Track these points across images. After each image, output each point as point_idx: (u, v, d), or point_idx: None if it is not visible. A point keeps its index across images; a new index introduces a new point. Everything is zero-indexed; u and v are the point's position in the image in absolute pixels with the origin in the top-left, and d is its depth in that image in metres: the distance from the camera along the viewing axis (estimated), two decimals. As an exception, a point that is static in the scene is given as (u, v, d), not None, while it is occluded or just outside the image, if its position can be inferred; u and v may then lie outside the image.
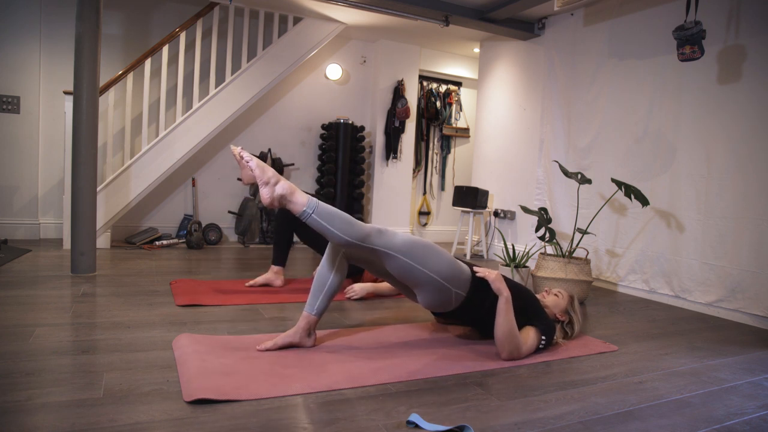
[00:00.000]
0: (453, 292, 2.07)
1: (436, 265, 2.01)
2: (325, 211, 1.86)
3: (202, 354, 1.92)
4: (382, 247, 1.92)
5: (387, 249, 1.93)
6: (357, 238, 1.88)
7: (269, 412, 1.53)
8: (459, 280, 2.08)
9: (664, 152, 3.62)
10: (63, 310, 2.48)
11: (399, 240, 1.96)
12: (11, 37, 4.46)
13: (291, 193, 1.85)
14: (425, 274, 1.99)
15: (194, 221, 4.76)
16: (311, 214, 1.84)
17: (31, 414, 1.43)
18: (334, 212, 1.88)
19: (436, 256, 2.03)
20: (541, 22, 4.73)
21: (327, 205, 1.88)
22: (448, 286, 2.05)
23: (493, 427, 1.53)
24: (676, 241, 3.52)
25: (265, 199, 1.85)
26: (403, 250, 1.95)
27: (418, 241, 2.02)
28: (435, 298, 2.08)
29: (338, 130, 5.39)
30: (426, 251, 2.00)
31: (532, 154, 4.80)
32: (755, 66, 3.13)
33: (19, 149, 4.57)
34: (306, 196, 1.87)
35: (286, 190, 1.85)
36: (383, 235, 1.94)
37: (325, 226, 1.85)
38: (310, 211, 1.84)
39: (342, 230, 1.86)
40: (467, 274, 2.13)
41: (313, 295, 2.13)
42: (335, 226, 1.85)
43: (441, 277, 2.02)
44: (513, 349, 2.08)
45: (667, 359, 2.30)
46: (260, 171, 1.86)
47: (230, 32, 4.72)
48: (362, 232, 1.89)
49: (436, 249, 2.05)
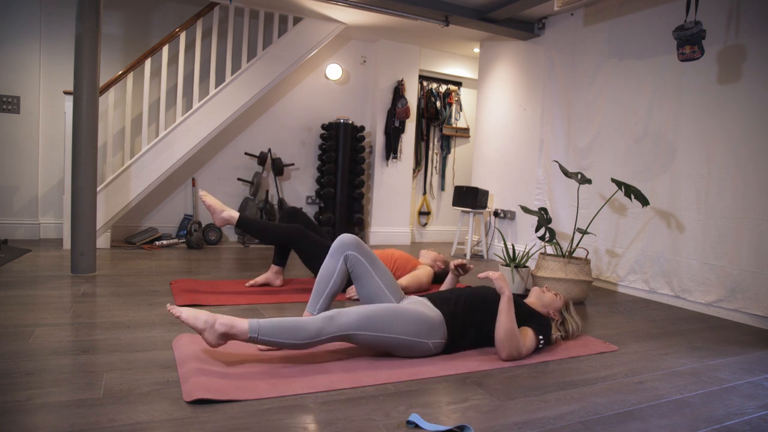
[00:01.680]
0: (429, 344, 2.04)
1: (400, 327, 1.96)
2: (269, 329, 1.79)
3: (202, 354, 1.92)
4: (338, 332, 1.86)
5: (344, 332, 1.87)
6: (311, 337, 1.82)
7: (269, 412, 1.53)
8: (429, 330, 2.04)
9: (664, 152, 3.62)
10: (63, 310, 2.48)
11: (353, 317, 1.89)
12: (11, 37, 4.46)
13: (231, 326, 1.77)
14: (393, 339, 1.96)
15: (194, 221, 4.76)
16: (257, 336, 1.78)
17: (31, 414, 1.43)
18: (278, 325, 1.81)
19: (398, 318, 1.97)
20: (541, 22, 4.73)
21: (269, 321, 1.81)
22: (421, 341, 2.02)
23: (493, 427, 1.53)
24: (676, 241, 3.52)
25: (212, 343, 1.78)
26: (360, 326, 1.89)
27: (374, 310, 1.95)
28: (413, 354, 2.05)
29: (338, 130, 5.39)
30: (385, 318, 1.94)
31: (532, 154, 4.80)
32: (755, 66, 3.13)
33: (19, 149, 4.57)
34: (246, 323, 1.79)
35: (225, 326, 1.77)
36: (335, 319, 1.86)
37: (276, 341, 1.80)
38: (255, 335, 1.78)
39: (293, 338, 1.80)
40: (438, 321, 2.07)
41: (314, 296, 2.14)
42: (285, 337, 1.80)
43: (409, 336, 1.98)
44: (513, 349, 2.08)
45: (667, 359, 2.30)
46: (193, 321, 1.77)
47: (230, 32, 4.72)
48: (313, 330, 1.82)
49: (395, 311, 1.99)
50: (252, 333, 1.77)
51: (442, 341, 2.08)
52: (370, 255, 2.27)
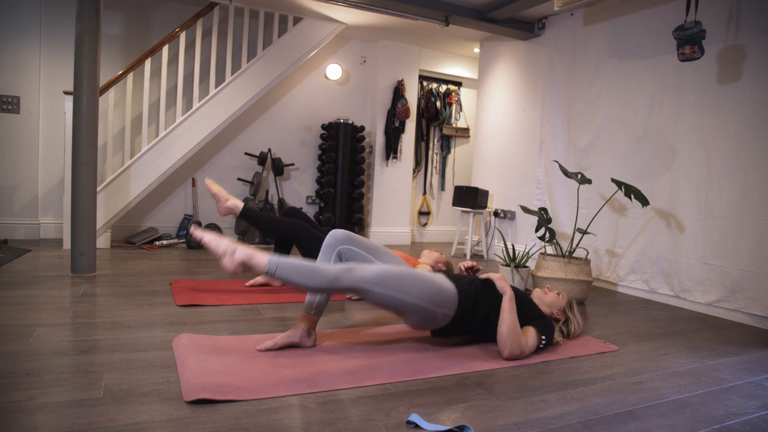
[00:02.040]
0: (438, 313, 2.06)
1: (414, 290, 1.98)
2: (289, 266, 1.79)
3: (202, 354, 1.92)
4: (355, 283, 1.88)
5: (360, 284, 1.88)
6: (328, 282, 1.83)
7: (269, 412, 1.53)
8: (443, 300, 2.05)
9: (664, 152, 3.62)
10: (63, 310, 2.48)
11: (371, 273, 1.91)
12: (11, 37, 4.46)
13: (250, 257, 1.77)
14: (405, 302, 1.97)
15: (194, 221, 4.76)
16: (275, 272, 1.78)
17: (31, 414, 1.43)
18: (298, 265, 1.82)
19: (414, 281, 1.99)
20: (541, 22, 4.73)
21: (289, 259, 1.81)
22: (431, 308, 2.03)
23: (493, 427, 1.53)
24: (676, 241, 3.52)
25: (229, 269, 1.77)
26: (376, 281, 1.90)
27: (392, 269, 1.97)
28: (420, 321, 2.07)
29: (338, 130, 5.39)
30: (402, 279, 1.96)
31: (532, 154, 4.80)
32: (755, 66, 3.13)
33: (19, 149, 4.57)
34: (266, 257, 1.79)
35: (244, 255, 1.77)
36: (353, 271, 1.88)
37: (293, 280, 1.79)
38: (273, 269, 1.77)
39: (310, 280, 1.81)
40: (452, 293, 2.09)
41: (311, 295, 2.13)
42: (302, 277, 1.80)
43: (422, 300, 2.00)
44: (515, 348, 2.08)
45: (667, 359, 2.30)
46: (215, 245, 1.77)
47: (230, 32, 4.72)
48: (330, 276, 1.83)
49: (414, 274, 2.01)
50: (270, 267, 1.78)
51: (451, 314, 2.09)
52: (364, 243, 2.26)
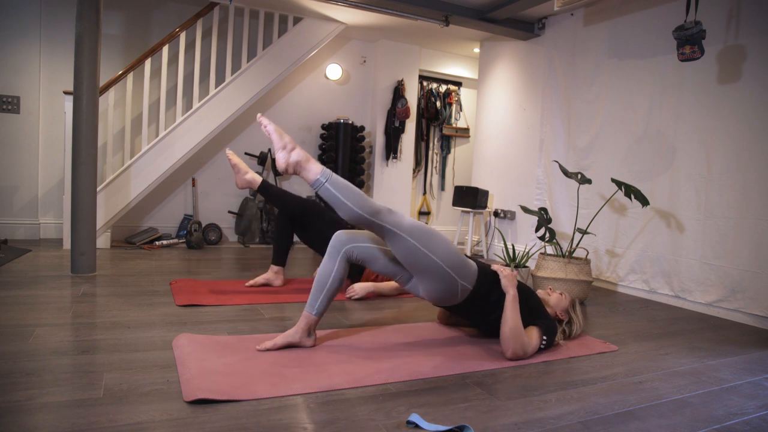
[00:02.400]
0: (459, 284, 2.08)
1: (442, 252, 2.01)
2: (339, 182, 1.87)
3: (201, 354, 1.92)
4: (391, 225, 1.93)
5: (395, 228, 1.94)
6: (368, 212, 1.89)
7: (269, 412, 1.53)
8: (465, 271, 2.09)
9: (664, 152, 3.62)
10: (63, 310, 2.48)
11: (408, 221, 1.99)
12: (11, 37, 4.46)
13: (306, 160, 1.86)
14: (431, 259, 2.00)
15: (194, 221, 4.76)
16: (324, 183, 1.84)
17: (31, 414, 1.43)
18: (347, 184, 1.89)
19: (443, 244, 2.04)
20: (541, 22, 4.73)
21: (340, 178, 1.90)
22: (453, 276, 2.05)
23: (493, 427, 1.53)
24: (676, 241, 3.52)
25: (281, 164, 1.85)
26: (410, 231, 1.97)
27: (426, 226, 2.04)
28: (440, 288, 2.08)
29: (338, 130, 5.39)
30: (433, 237, 2.02)
31: (532, 154, 4.80)
32: (755, 66, 3.13)
33: (19, 149, 4.57)
34: (321, 166, 1.87)
35: (301, 156, 1.86)
36: (393, 214, 1.95)
37: (338, 196, 1.85)
38: (324, 180, 1.84)
39: (354, 202, 1.87)
40: (474, 268, 2.14)
41: (313, 295, 2.13)
42: (347, 197, 1.86)
43: (446, 264, 2.02)
44: (518, 348, 2.08)
45: (667, 359, 2.30)
46: (278, 135, 1.86)
47: (230, 32, 4.72)
48: (374, 208, 1.90)
49: (444, 238, 2.07)
50: (323, 177, 1.84)
51: (469, 287, 2.11)
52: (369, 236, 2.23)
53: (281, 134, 1.87)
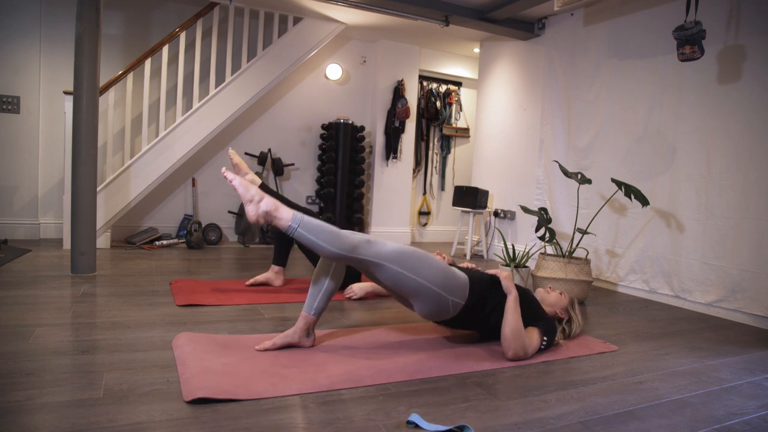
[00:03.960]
0: (449, 301, 2.06)
1: (428, 273, 1.99)
2: (311, 225, 1.83)
3: (201, 354, 1.92)
4: (371, 257, 1.89)
5: (376, 259, 1.90)
6: (345, 249, 1.84)
7: (269, 412, 1.53)
8: (455, 287, 2.06)
9: (664, 152, 3.62)
10: (63, 310, 2.48)
11: (389, 249, 1.93)
12: (11, 37, 4.46)
13: (276, 209, 1.81)
14: (418, 283, 1.97)
15: (194, 221, 4.76)
16: (297, 228, 1.80)
17: (31, 414, 1.43)
18: (320, 225, 1.84)
19: (429, 264, 2.00)
20: (541, 22, 4.73)
21: (312, 219, 1.85)
22: (443, 295, 2.03)
23: (493, 427, 1.53)
24: (676, 241, 3.52)
25: (251, 216, 1.80)
26: (393, 258, 1.92)
27: (409, 249, 1.99)
28: (431, 308, 2.07)
29: (338, 130, 5.39)
30: (417, 260, 1.98)
31: (532, 154, 4.80)
32: (755, 66, 3.13)
33: (19, 149, 4.57)
34: (291, 211, 1.82)
35: (270, 206, 1.80)
36: (372, 245, 1.90)
37: (312, 239, 1.81)
38: (296, 226, 1.80)
39: (329, 242, 1.82)
40: (464, 282, 2.11)
41: (311, 295, 2.13)
42: (322, 239, 1.82)
43: (435, 285, 2.00)
44: (519, 348, 2.08)
45: (667, 359, 2.30)
46: (244, 189, 1.81)
47: (230, 32, 4.72)
48: (350, 243, 1.85)
49: (429, 257, 2.03)
50: (294, 223, 1.80)
51: (461, 303, 2.09)
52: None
53: (247, 187, 1.81)
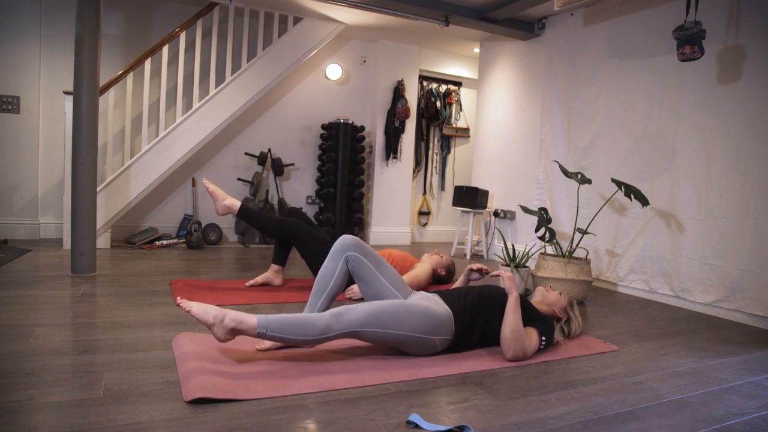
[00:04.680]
0: (437, 340, 2.06)
1: (408, 324, 1.97)
2: (277, 325, 1.81)
3: (201, 353, 1.92)
4: (346, 329, 1.88)
5: (354, 328, 1.89)
6: (319, 334, 1.83)
7: (269, 412, 1.53)
8: (439, 326, 2.05)
9: (664, 152, 3.62)
10: (63, 310, 2.48)
11: (361, 314, 1.91)
12: (11, 37, 4.46)
13: (240, 322, 1.78)
14: (400, 335, 1.97)
15: (194, 221, 4.76)
16: (266, 333, 1.79)
17: (31, 414, 1.43)
18: (285, 321, 1.82)
19: (406, 314, 1.98)
20: (541, 22, 4.73)
21: (276, 317, 1.82)
22: (428, 337, 2.03)
23: (493, 427, 1.53)
24: (676, 241, 3.52)
25: (220, 338, 1.78)
26: (367, 322, 1.91)
27: (382, 306, 1.97)
28: (420, 350, 2.07)
29: (338, 130, 5.39)
30: (394, 314, 1.96)
31: (532, 154, 4.80)
32: (755, 66, 3.13)
33: (19, 149, 4.57)
34: (254, 319, 1.80)
35: (234, 321, 1.77)
36: (343, 317, 1.88)
37: (285, 338, 1.82)
38: (264, 331, 1.79)
39: (302, 335, 1.82)
40: (447, 317, 2.08)
41: (314, 296, 2.14)
42: (293, 334, 1.81)
43: (417, 332, 2.00)
44: (518, 349, 2.08)
45: (667, 359, 2.30)
46: (203, 314, 1.77)
47: (230, 32, 4.72)
48: (321, 327, 1.84)
49: (405, 306, 2.00)
50: (260, 329, 1.79)
51: (449, 338, 2.09)
52: (372, 255, 2.26)
53: (205, 310, 1.77)
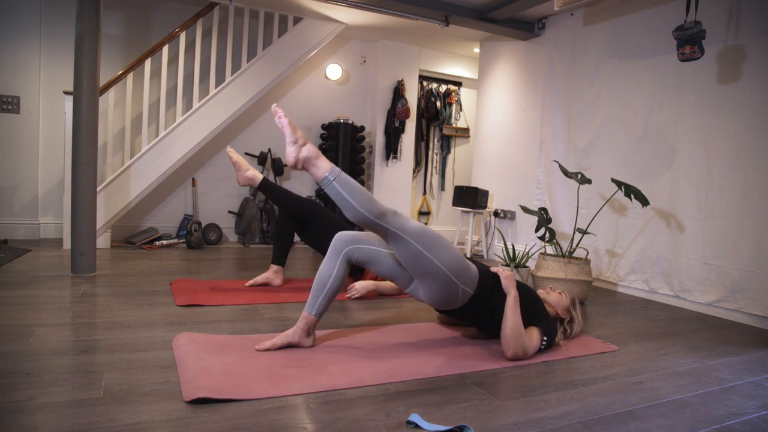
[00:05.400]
0: (459, 288, 2.07)
1: (444, 256, 2.02)
2: (347, 181, 1.88)
3: (201, 353, 1.92)
4: (395, 228, 1.94)
5: (400, 231, 1.94)
6: (373, 213, 1.89)
7: (269, 412, 1.53)
8: (466, 276, 2.09)
9: (664, 152, 3.62)
10: (63, 310, 2.48)
11: (412, 225, 1.99)
12: (11, 37, 4.46)
13: (316, 156, 1.86)
14: (433, 264, 2.00)
15: (194, 221, 4.76)
16: (332, 181, 1.84)
17: (31, 414, 1.43)
18: (354, 184, 1.89)
19: (446, 248, 2.04)
20: (541, 22, 4.73)
21: (350, 177, 1.90)
22: (454, 281, 2.05)
23: (493, 427, 1.53)
24: (676, 241, 3.52)
25: (290, 158, 1.85)
26: (415, 234, 1.97)
27: (430, 230, 2.04)
28: (441, 293, 2.08)
29: (338, 130, 5.39)
30: (436, 241, 2.02)
31: (532, 154, 4.80)
32: (755, 66, 3.13)
33: (19, 149, 4.57)
34: (330, 164, 1.87)
35: (311, 152, 1.86)
36: (399, 217, 1.96)
37: (344, 196, 1.86)
38: (332, 178, 1.84)
39: (360, 203, 1.87)
40: (475, 272, 2.14)
41: (313, 295, 2.13)
42: (354, 197, 1.86)
43: (448, 269, 2.02)
44: (518, 348, 2.08)
45: (667, 359, 2.30)
46: (291, 129, 1.86)
47: (230, 32, 4.72)
48: (379, 210, 1.91)
49: (447, 242, 2.07)
50: (331, 175, 1.84)
51: (471, 292, 2.11)
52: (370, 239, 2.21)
53: (295, 128, 1.87)
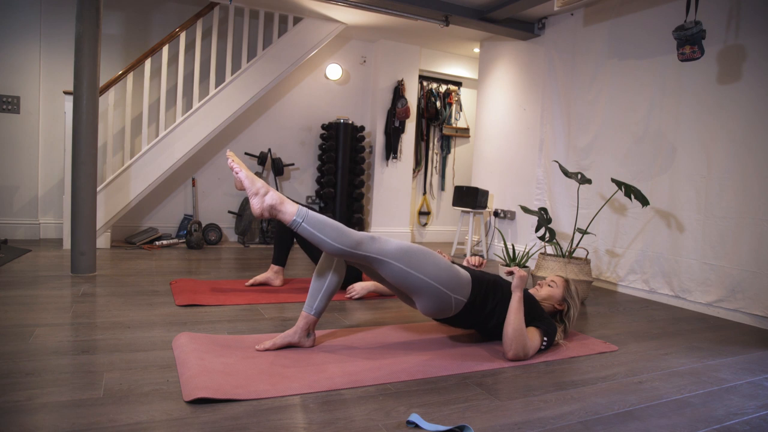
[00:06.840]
0: (452, 298, 2.06)
1: (431, 270, 1.99)
2: (316, 220, 1.83)
3: (201, 353, 1.92)
4: (374, 254, 1.90)
5: (380, 256, 1.90)
6: (349, 245, 1.85)
7: (269, 412, 1.53)
8: (457, 285, 2.07)
9: (664, 152, 3.62)
10: (63, 310, 2.48)
11: (393, 246, 1.94)
12: (11, 37, 4.46)
13: (281, 202, 1.82)
14: (421, 280, 1.98)
15: (194, 221, 4.76)
16: (301, 223, 1.81)
17: (31, 414, 1.43)
18: (324, 221, 1.85)
19: (432, 262, 2.01)
20: (541, 22, 4.73)
21: (317, 214, 1.86)
22: (446, 292, 2.04)
23: (493, 427, 1.53)
24: (676, 241, 3.52)
25: (255, 209, 1.81)
26: (396, 256, 1.93)
27: (412, 247, 2.00)
28: (434, 305, 2.07)
29: (338, 130, 5.39)
30: (421, 257, 1.98)
31: (532, 154, 4.80)
32: (755, 66, 3.13)
33: (19, 149, 4.57)
34: (296, 206, 1.83)
35: (275, 200, 1.82)
36: (376, 241, 1.91)
37: (316, 234, 1.82)
38: (300, 221, 1.81)
39: (333, 238, 1.83)
40: (466, 279, 2.11)
41: (311, 295, 2.13)
42: (326, 234, 1.83)
43: (437, 282, 2.01)
44: (519, 349, 2.08)
45: (667, 359, 2.30)
46: (249, 182, 1.83)
47: (230, 32, 4.72)
48: (354, 240, 1.86)
49: (433, 255, 2.04)
50: (298, 217, 1.81)
51: (464, 300, 2.09)
52: None
53: (252, 180, 1.83)
